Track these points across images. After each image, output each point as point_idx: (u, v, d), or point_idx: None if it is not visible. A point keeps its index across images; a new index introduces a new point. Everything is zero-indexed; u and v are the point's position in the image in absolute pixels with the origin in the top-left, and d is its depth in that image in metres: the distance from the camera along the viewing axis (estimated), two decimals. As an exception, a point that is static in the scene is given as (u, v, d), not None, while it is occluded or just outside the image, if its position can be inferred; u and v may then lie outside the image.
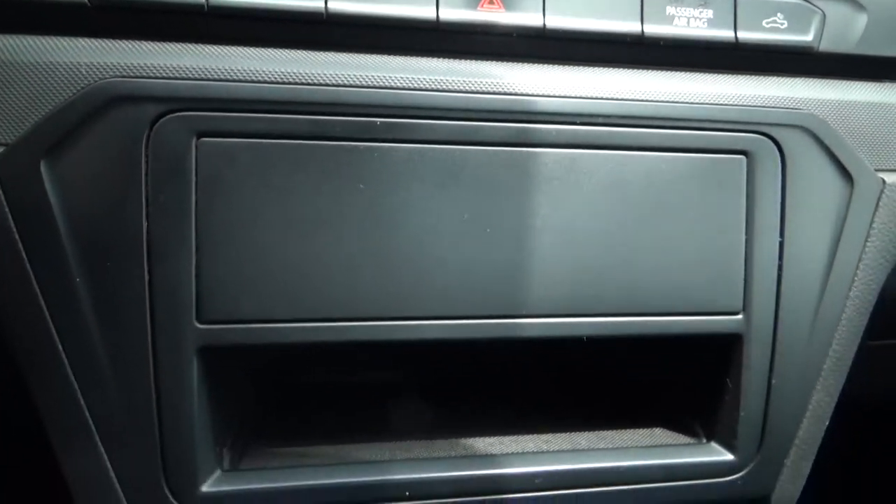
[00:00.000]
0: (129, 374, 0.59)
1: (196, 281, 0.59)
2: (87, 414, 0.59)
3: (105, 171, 0.57)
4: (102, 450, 0.60)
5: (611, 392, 0.91)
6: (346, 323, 0.62)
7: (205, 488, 0.62)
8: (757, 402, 0.71)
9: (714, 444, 0.73)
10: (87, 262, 0.57)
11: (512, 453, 0.70)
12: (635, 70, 0.68)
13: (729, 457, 0.72)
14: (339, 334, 0.62)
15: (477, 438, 0.73)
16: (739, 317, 0.70)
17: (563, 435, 0.76)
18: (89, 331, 0.58)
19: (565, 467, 0.69)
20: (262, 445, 0.71)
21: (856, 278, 0.72)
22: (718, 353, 0.72)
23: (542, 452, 0.70)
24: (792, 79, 0.72)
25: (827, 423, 0.75)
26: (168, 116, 0.57)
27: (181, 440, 0.60)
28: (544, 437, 0.75)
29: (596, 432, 0.77)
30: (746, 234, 0.68)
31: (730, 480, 0.72)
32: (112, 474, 0.60)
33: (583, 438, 0.75)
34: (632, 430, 0.77)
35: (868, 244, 0.72)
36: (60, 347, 0.58)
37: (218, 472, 0.64)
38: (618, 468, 0.70)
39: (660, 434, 0.77)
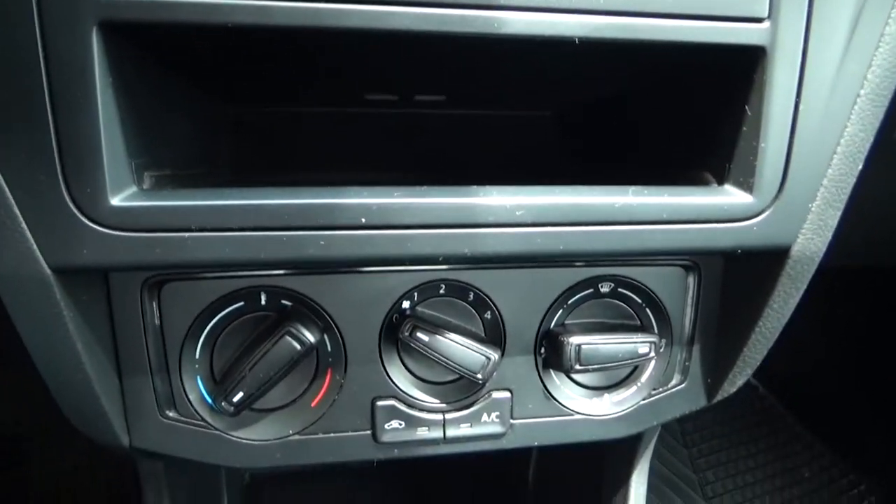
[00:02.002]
0: (15, 51, 0.47)
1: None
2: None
3: None
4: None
5: (614, 153, 0.80)
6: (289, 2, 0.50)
7: (116, 202, 0.51)
8: (780, 132, 0.60)
9: (729, 186, 0.62)
10: None
11: (492, 185, 0.59)
12: None
13: (745, 198, 0.61)
14: (276, 16, 0.50)
15: (456, 178, 0.62)
16: (765, 25, 0.57)
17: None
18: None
19: (553, 200, 0.58)
20: (194, 176, 0.60)
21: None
22: (737, 73, 0.60)
23: (528, 186, 0.59)
24: None
25: (861, 165, 0.63)
26: None
27: (83, 140, 0.49)
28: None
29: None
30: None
31: (744, 226, 0.61)
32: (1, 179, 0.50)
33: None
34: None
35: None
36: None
37: (134, 189, 0.53)
38: (614, 205, 0.59)
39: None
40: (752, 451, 2.16)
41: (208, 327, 0.63)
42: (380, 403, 0.67)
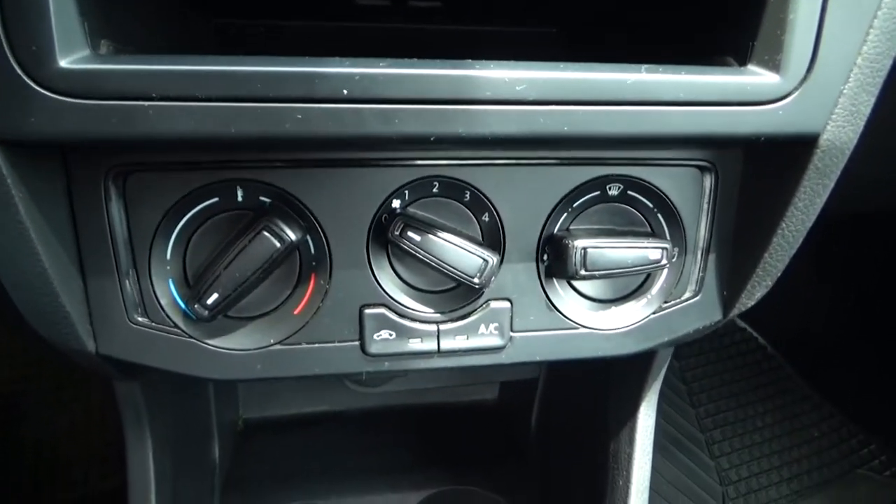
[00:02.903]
0: None
1: None
2: None
3: None
4: None
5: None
6: None
7: (66, 63, 0.46)
8: (811, 1, 0.53)
9: (753, 66, 0.56)
10: None
11: (489, 60, 0.53)
12: None
13: (771, 78, 0.55)
14: None
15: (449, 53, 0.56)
16: None
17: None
18: None
19: (559, 75, 0.52)
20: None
21: None
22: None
23: (531, 62, 0.53)
24: None
25: (901, 45, 0.57)
26: None
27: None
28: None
29: None
30: None
31: (770, 110, 0.55)
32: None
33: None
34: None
35: None
36: None
37: (87, 52, 0.47)
38: (626, 81, 0.53)
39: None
40: (759, 412, 2.12)
41: (180, 225, 0.57)
42: (368, 311, 0.61)
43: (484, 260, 0.59)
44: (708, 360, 2.24)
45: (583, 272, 0.60)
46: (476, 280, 0.59)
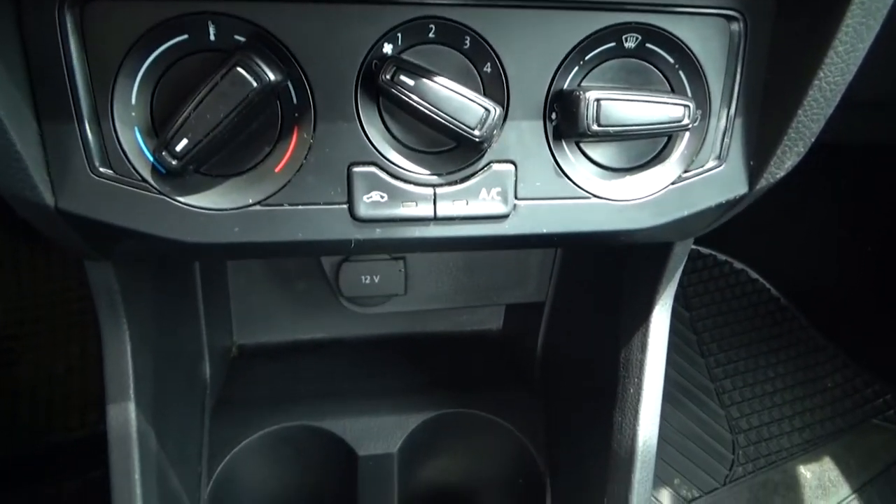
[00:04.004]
0: None
1: None
2: None
3: None
4: None
5: None
6: None
7: None
8: None
9: None
10: None
11: None
12: None
13: None
14: None
15: None
16: None
17: None
18: None
19: None
20: None
21: None
22: None
23: None
24: None
25: None
26: None
27: None
28: None
29: None
30: None
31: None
32: None
33: None
34: None
35: None
36: None
37: None
38: None
39: None
40: (772, 362, 2.06)
41: (145, 65, 0.51)
42: (357, 170, 0.55)
43: (486, 109, 0.53)
44: (719, 310, 2.18)
45: (595, 127, 0.54)
46: (476, 133, 0.53)
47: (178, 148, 0.50)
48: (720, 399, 1.96)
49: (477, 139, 0.53)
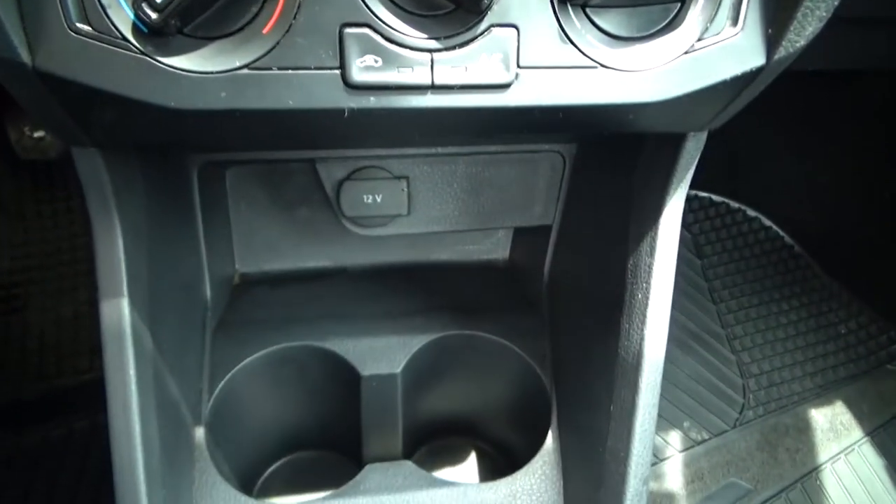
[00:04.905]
0: None
1: None
2: None
3: None
4: None
5: None
6: None
7: None
8: None
9: None
10: None
11: None
12: None
13: None
14: None
15: None
16: None
17: None
18: None
19: None
20: None
21: None
22: None
23: None
24: None
25: None
26: None
27: None
28: None
29: None
30: None
31: None
32: None
33: None
34: None
35: None
36: None
37: None
38: None
39: None
40: (784, 309, 2.03)
41: (123, -88, 0.48)
42: (349, 31, 0.52)
43: (485, -39, 0.49)
44: (731, 258, 2.14)
45: (603, -19, 0.51)
46: (475, -14, 0.49)
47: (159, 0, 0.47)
48: (731, 345, 1.94)
49: (476, -3, 0.50)
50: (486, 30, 0.54)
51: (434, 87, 0.54)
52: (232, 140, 0.81)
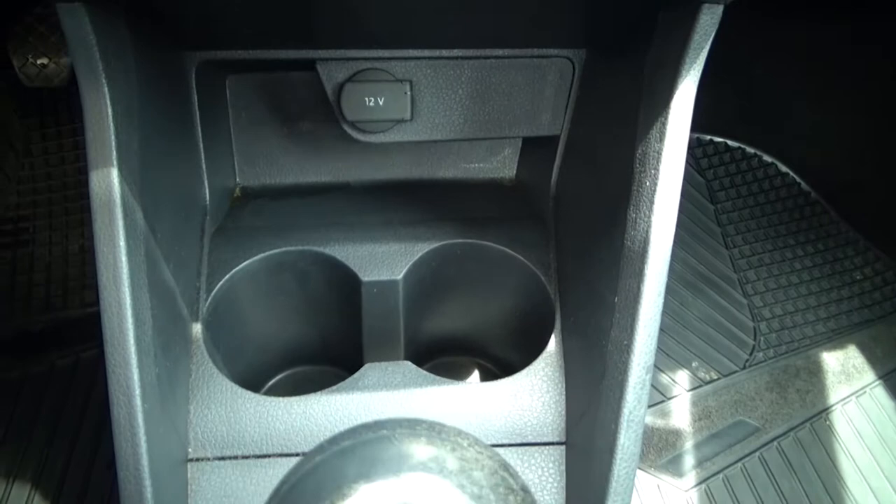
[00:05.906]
0: None
1: None
2: None
3: None
4: None
5: None
6: None
7: None
8: None
9: None
10: None
11: None
12: None
13: None
14: None
15: None
16: None
17: None
18: None
19: None
20: None
21: None
22: None
23: None
24: None
25: None
26: None
27: None
28: None
29: None
30: None
31: None
32: None
33: None
34: None
35: None
36: None
37: None
38: None
39: None
40: (798, 255, 1.99)
41: None
42: None
43: None
44: (745, 203, 2.10)
45: None
46: None
47: None
48: (743, 289, 1.90)
49: None
50: None
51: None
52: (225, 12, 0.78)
